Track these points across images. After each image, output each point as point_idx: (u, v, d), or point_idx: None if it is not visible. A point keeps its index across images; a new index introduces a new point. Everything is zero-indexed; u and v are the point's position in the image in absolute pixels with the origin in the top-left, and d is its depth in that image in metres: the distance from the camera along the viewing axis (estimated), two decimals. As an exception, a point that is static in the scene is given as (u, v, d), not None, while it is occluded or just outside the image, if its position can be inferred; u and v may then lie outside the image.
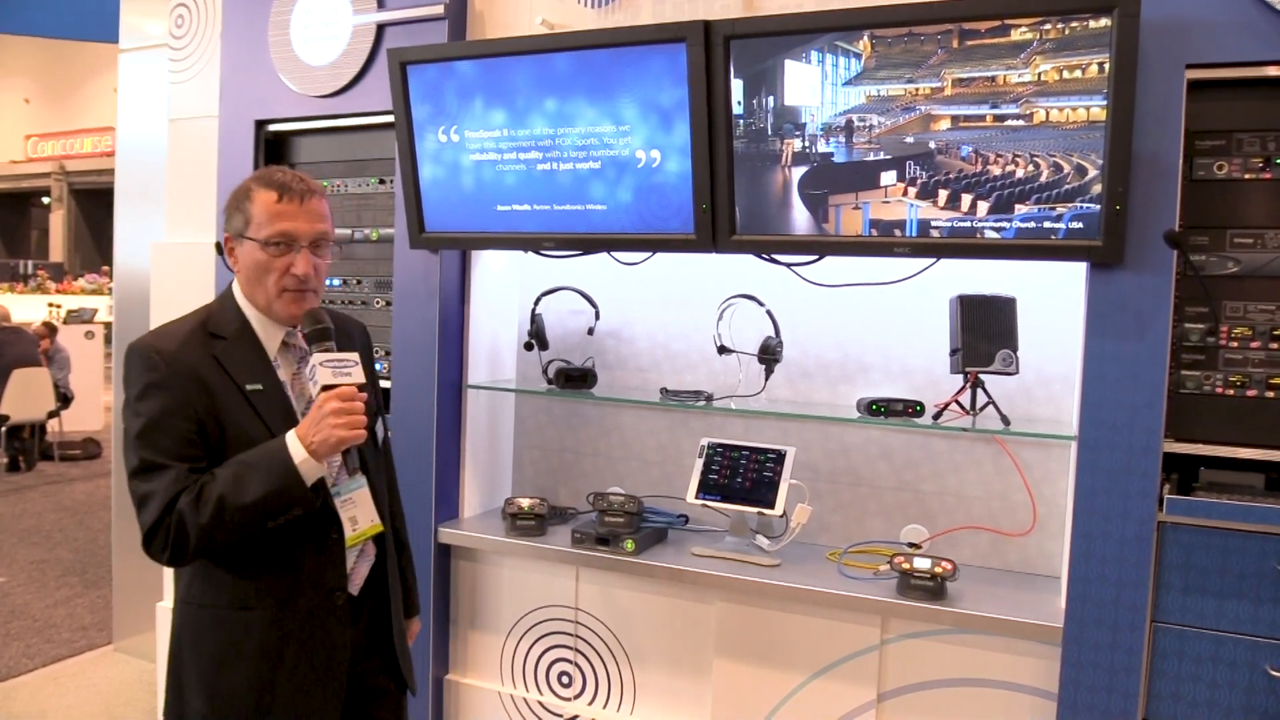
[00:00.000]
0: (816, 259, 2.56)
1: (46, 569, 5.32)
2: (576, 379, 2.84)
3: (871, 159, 2.27)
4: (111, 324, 4.24)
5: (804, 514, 2.56)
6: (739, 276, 2.73)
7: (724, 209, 2.41)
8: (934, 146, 2.21)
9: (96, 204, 22.00)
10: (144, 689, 3.73)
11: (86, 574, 5.23)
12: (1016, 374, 2.36)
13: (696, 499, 2.72)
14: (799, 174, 2.35)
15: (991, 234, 2.20)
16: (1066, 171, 2.11)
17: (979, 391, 2.38)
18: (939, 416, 2.42)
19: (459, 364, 2.95)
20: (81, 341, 9.50)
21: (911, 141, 2.23)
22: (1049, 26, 2.06)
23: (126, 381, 1.67)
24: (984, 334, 2.34)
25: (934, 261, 2.44)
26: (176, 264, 3.51)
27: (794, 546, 2.62)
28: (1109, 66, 2.01)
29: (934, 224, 2.24)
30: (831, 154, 2.31)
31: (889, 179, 2.26)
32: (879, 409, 2.49)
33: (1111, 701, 2.15)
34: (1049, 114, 2.10)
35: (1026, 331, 2.38)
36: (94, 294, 17.55)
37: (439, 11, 2.79)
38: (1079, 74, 2.05)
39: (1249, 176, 2.12)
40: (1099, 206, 2.08)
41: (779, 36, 2.28)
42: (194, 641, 1.72)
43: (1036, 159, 2.13)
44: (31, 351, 8.04)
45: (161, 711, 1.79)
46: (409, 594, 2.09)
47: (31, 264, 21.17)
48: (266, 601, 1.69)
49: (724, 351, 2.75)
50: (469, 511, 3.00)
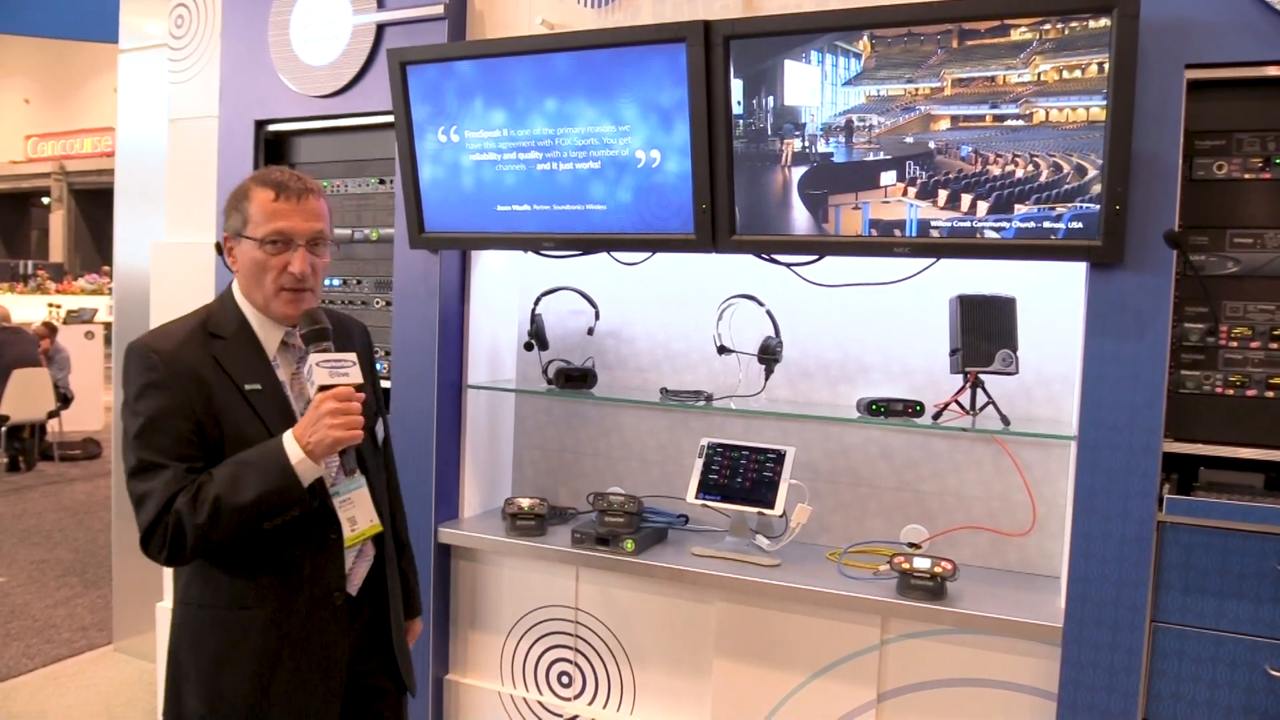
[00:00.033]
0: (816, 259, 2.56)
1: (46, 569, 5.32)
2: (576, 379, 2.84)
3: (871, 159, 2.27)
4: (111, 324, 4.24)
5: (804, 514, 2.56)
6: (739, 276, 2.73)
7: (724, 209, 2.41)
8: (934, 146, 2.21)
9: (96, 204, 22.00)
10: (144, 689, 3.73)
11: (86, 574, 5.23)
12: (1016, 374, 2.36)
13: (696, 499, 2.72)
14: (799, 174, 2.35)
15: (991, 234, 2.20)
16: (1066, 171, 2.11)
17: (979, 391, 2.39)
18: (939, 416, 2.42)
19: (459, 364, 2.95)
20: (81, 342, 9.50)
21: (911, 141, 2.23)
22: (1048, 26, 2.06)
23: (125, 381, 1.68)
24: (984, 334, 2.34)
25: (934, 261, 2.44)
26: (176, 264, 3.51)
27: (794, 546, 2.62)
28: (1108, 66, 2.01)
29: (934, 224, 2.24)
30: (831, 154, 2.31)
31: (889, 179, 2.26)
32: (879, 409, 2.49)
33: (1111, 701, 2.15)
34: (1049, 114, 2.10)
35: (1026, 331, 2.38)
36: (94, 294, 17.56)
37: (439, 11, 2.79)
38: (1079, 74, 2.05)
39: (1249, 176, 2.12)
40: (1099, 206, 2.08)
41: (779, 36, 2.28)
42: (192, 641, 1.72)
43: (1036, 159, 2.13)
44: (31, 352, 8.04)
45: (160, 711, 1.79)
46: (411, 594, 2.09)
47: (31, 264, 21.18)
48: (265, 601, 1.69)
49: (724, 351, 2.76)
50: (469, 511, 3.00)
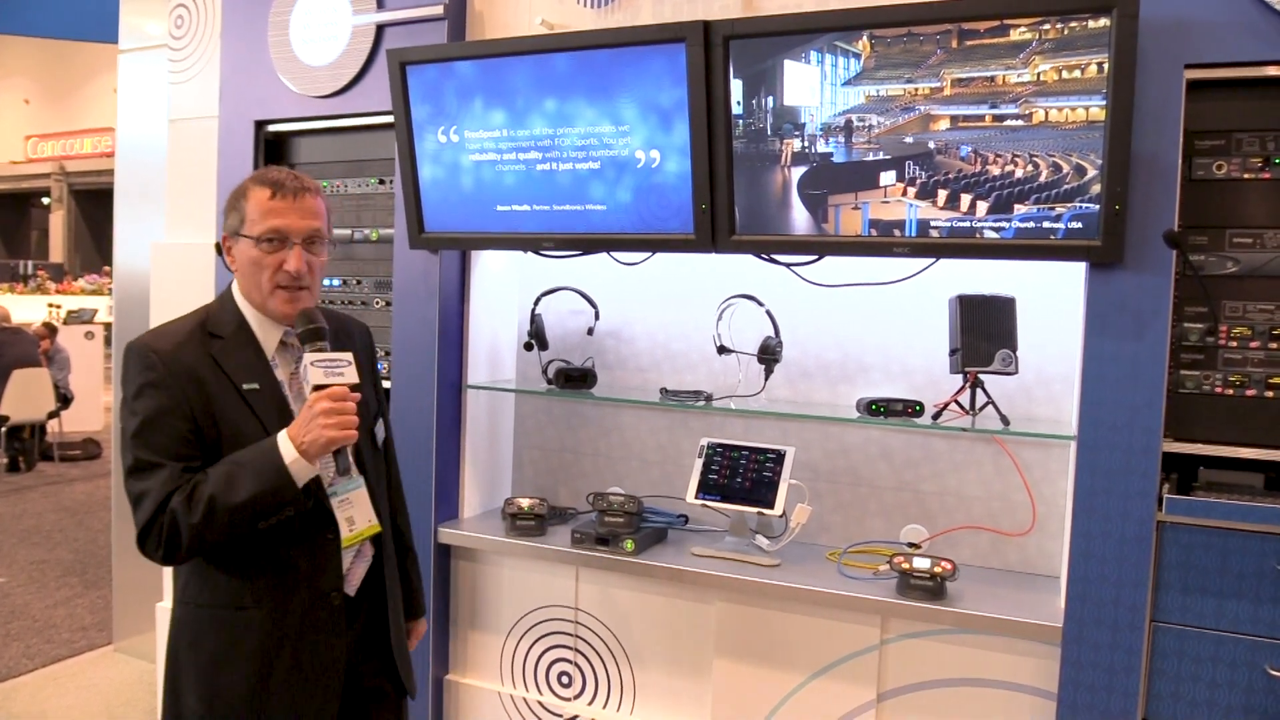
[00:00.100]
0: (816, 259, 2.56)
1: (46, 569, 5.32)
2: (576, 379, 2.84)
3: (871, 159, 2.27)
4: (111, 324, 4.24)
5: (804, 514, 2.56)
6: (738, 276, 2.73)
7: (723, 209, 2.41)
8: (933, 146, 2.21)
9: (96, 204, 22.00)
10: (144, 689, 3.73)
11: (86, 574, 5.23)
12: (1016, 374, 2.36)
13: (696, 499, 2.72)
14: (798, 174, 2.35)
15: (991, 234, 2.20)
16: (1066, 171, 2.11)
17: (978, 391, 2.39)
18: (938, 416, 2.43)
19: (459, 364, 2.95)
20: (81, 342, 9.51)
21: (911, 141, 2.23)
22: (1048, 26, 2.06)
23: (124, 380, 1.68)
24: (983, 334, 2.34)
25: (933, 261, 2.44)
26: (176, 264, 3.51)
27: (794, 546, 2.62)
28: (1108, 66, 2.01)
29: (933, 224, 2.24)
30: (831, 154, 2.31)
31: (888, 179, 2.26)
32: (878, 409, 2.49)
33: (1111, 701, 2.15)
34: (1048, 114, 2.10)
35: (1026, 331, 2.38)
36: (94, 294, 17.56)
37: (438, 12, 2.79)
38: (1078, 74, 2.05)
39: (1248, 176, 2.12)
40: (1098, 206, 2.08)
41: (778, 37, 2.28)
42: (191, 641, 1.72)
43: (1036, 159, 2.13)
44: (32, 352, 8.04)
45: (160, 711, 1.79)
46: (414, 595, 2.09)
47: (31, 264, 21.19)
48: (262, 601, 1.68)
49: (724, 351, 2.76)
50: (469, 511, 3.00)
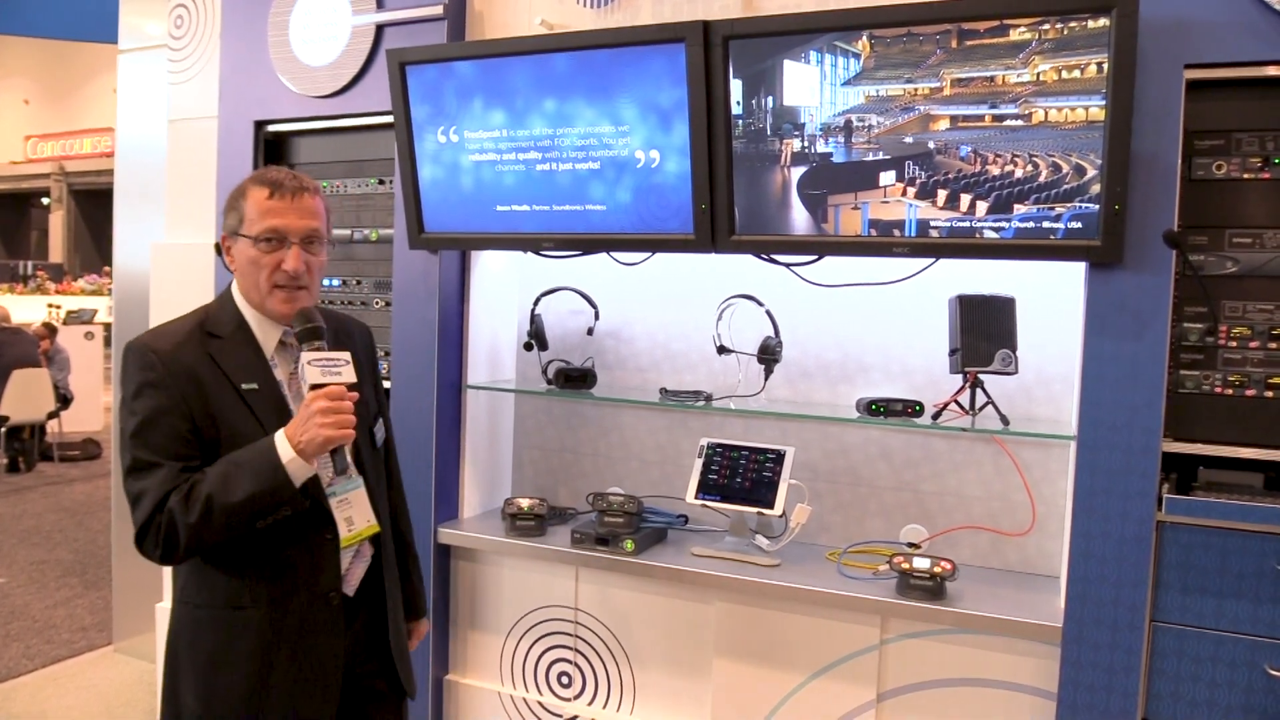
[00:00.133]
0: (816, 259, 2.56)
1: (46, 570, 5.32)
2: (576, 379, 2.84)
3: (870, 159, 2.27)
4: (111, 325, 4.24)
5: (803, 514, 2.56)
6: (738, 276, 2.73)
7: (723, 209, 2.41)
8: (933, 146, 2.21)
9: (96, 205, 22.00)
10: (144, 690, 3.72)
11: (86, 575, 5.23)
12: (1016, 374, 2.36)
13: (696, 499, 2.72)
14: (798, 174, 2.35)
15: (990, 234, 2.20)
16: (1065, 171, 2.11)
17: (978, 391, 2.39)
18: (938, 416, 2.42)
19: (458, 364, 2.95)
20: (81, 342, 9.51)
21: (910, 141, 2.23)
22: (1047, 26, 2.06)
23: (123, 380, 1.68)
24: (983, 334, 2.34)
25: (933, 261, 2.44)
26: (176, 265, 3.51)
27: (793, 546, 2.62)
28: (1108, 66, 2.01)
29: (933, 224, 2.24)
30: (830, 154, 2.31)
31: (888, 179, 2.26)
32: (878, 409, 2.49)
33: (1111, 701, 2.15)
34: (1048, 114, 2.10)
35: (1026, 331, 2.38)
36: (94, 295, 17.56)
37: (438, 12, 2.79)
38: (1078, 74, 2.05)
39: (1248, 176, 2.12)
40: (1098, 206, 2.08)
41: (778, 37, 2.28)
42: (189, 641, 1.72)
43: (1035, 159, 2.13)
44: (31, 352, 8.04)
45: (159, 710, 1.79)
46: (415, 596, 2.09)
47: (31, 265, 21.20)
48: (260, 601, 1.68)
49: (723, 351, 2.76)
50: (469, 512, 3.00)
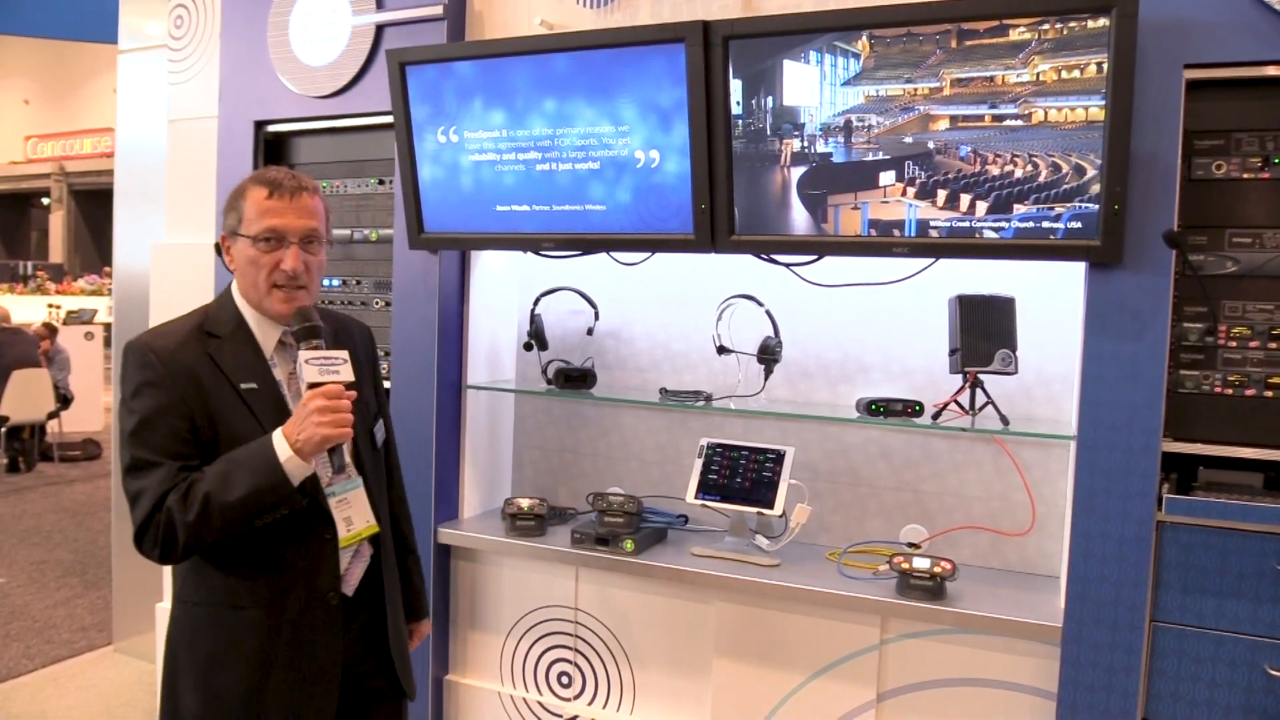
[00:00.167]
0: (815, 259, 2.56)
1: (46, 570, 5.32)
2: (576, 379, 2.84)
3: (870, 159, 2.27)
4: (111, 325, 4.24)
5: (803, 514, 2.56)
6: (738, 276, 2.73)
7: (723, 209, 2.41)
8: (933, 146, 2.21)
9: (96, 205, 22.00)
10: (144, 690, 3.72)
11: (86, 575, 5.23)
12: (1015, 374, 2.36)
13: (696, 499, 2.72)
14: (798, 174, 2.35)
15: (990, 234, 2.20)
16: (1065, 171, 2.11)
17: (978, 391, 2.39)
18: (938, 416, 2.42)
19: (458, 364, 2.95)
20: (81, 342, 9.51)
21: (910, 141, 2.23)
22: (1047, 26, 2.06)
23: (122, 379, 1.68)
24: (983, 334, 2.34)
25: (933, 261, 2.44)
26: (176, 265, 3.51)
27: (793, 546, 2.62)
28: (1107, 66, 2.01)
29: (933, 224, 2.24)
30: (830, 154, 2.31)
31: (888, 179, 2.26)
32: (878, 409, 2.49)
33: (1111, 701, 2.15)
34: (1047, 114, 2.10)
35: (1026, 331, 2.38)
36: (94, 295, 17.56)
37: (438, 12, 2.79)
38: (1077, 74, 2.05)
39: (1247, 176, 2.12)
40: (1097, 206, 2.08)
41: (778, 37, 2.28)
42: (188, 640, 1.72)
43: (1035, 159, 2.13)
44: (31, 352, 8.04)
45: (158, 709, 1.79)
46: (417, 597, 2.09)
47: (31, 265, 21.20)
48: (258, 600, 1.68)
49: (723, 351, 2.76)
50: (469, 512, 3.00)
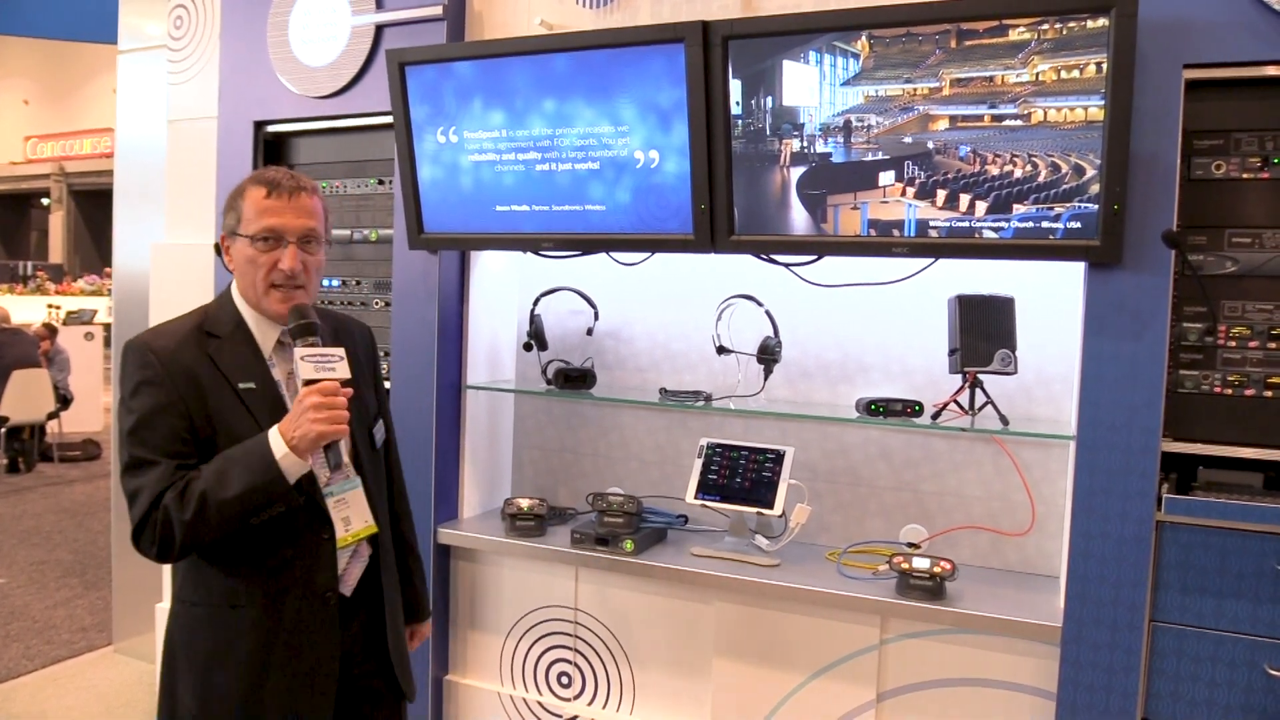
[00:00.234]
0: (815, 259, 2.56)
1: (46, 570, 5.32)
2: (575, 379, 2.84)
3: (870, 159, 2.27)
4: (111, 325, 4.23)
5: (803, 514, 2.56)
6: (738, 277, 2.74)
7: (722, 209, 2.41)
8: (932, 146, 2.21)
9: (96, 205, 22.00)
10: (143, 690, 3.72)
11: (86, 575, 5.23)
12: (1015, 374, 2.36)
13: (696, 499, 2.72)
14: (797, 174, 2.35)
15: (990, 234, 2.20)
16: (1064, 171, 2.11)
17: (978, 391, 2.39)
18: (938, 416, 2.43)
19: (458, 364, 2.95)
20: (81, 343, 9.50)
21: (910, 141, 2.23)
22: (1047, 27, 2.06)
23: (121, 379, 1.68)
24: (982, 334, 2.34)
25: (932, 261, 2.44)
26: (176, 265, 3.51)
27: (793, 546, 2.62)
28: (1107, 66, 2.01)
29: (932, 224, 2.24)
30: (830, 154, 2.31)
31: (887, 179, 2.26)
32: (878, 409, 2.49)
33: (1110, 701, 2.15)
34: (1047, 114, 2.10)
35: (1025, 331, 2.38)
36: (93, 295, 17.56)
37: (438, 12, 2.80)
38: (1077, 74, 2.05)
39: (1247, 176, 2.12)
40: (1097, 206, 2.08)
41: (777, 37, 2.28)
42: (186, 640, 1.72)
43: (1034, 159, 2.13)
44: (31, 353, 8.04)
45: (156, 710, 1.79)
46: (418, 598, 2.08)
47: (31, 265, 21.20)
48: (256, 600, 1.68)
49: (723, 352, 2.76)
50: (468, 512, 3.00)
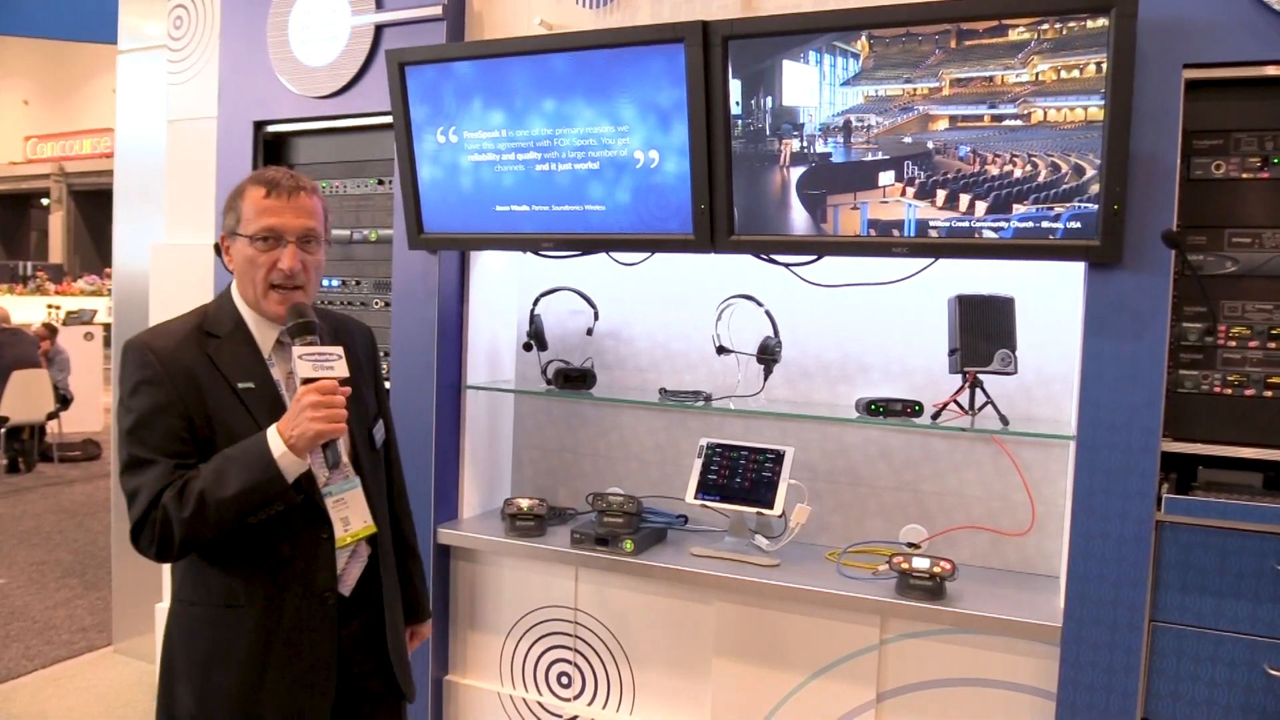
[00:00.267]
0: (815, 259, 2.56)
1: (46, 570, 5.32)
2: (575, 379, 2.84)
3: (869, 159, 2.27)
4: (111, 325, 4.23)
5: (803, 514, 2.56)
6: (738, 277, 2.73)
7: (722, 209, 2.41)
8: (932, 146, 2.21)
9: (96, 205, 22.00)
10: (143, 690, 3.72)
11: (86, 575, 5.22)
12: (1015, 374, 2.36)
13: (695, 499, 2.72)
14: (797, 174, 2.35)
15: (989, 234, 2.20)
16: (1064, 171, 2.11)
17: (978, 391, 2.39)
18: (938, 416, 2.43)
19: (458, 364, 2.95)
20: (81, 343, 9.50)
21: (909, 141, 2.23)
22: (1046, 26, 2.06)
23: (121, 378, 1.68)
24: (982, 334, 2.34)
25: (932, 261, 2.44)
26: (176, 265, 3.51)
27: (793, 546, 2.62)
28: (1106, 66, 2.01)
29: (932, 224, 2.24)
30: (830, 154, 2.31)
31: (887, 179, 2.26)
32: (877, 409, 2.49)
33: (1110, 701, 2.15)
34: (1047, 114, 2.10)
35: (1025, 331, 2.38)
36: (93, 295, 17.56)
37: (437, 12, 2.80)
38: (1076, 74, 2.05)
39: (1247, 176, 2.12)
40: (1097, 206, 2.08)
41: (777, 37, 2.28)
42: (185, 640, 1.72)
43: (1034, 159, 2.13)
44: (31, 353, 8.04)
45: (155, 709, 1.79)
46: (418, 599, 2.08)
47: (31, 265, 21.21)
48: (254, 600, 1.68)
49: (723, 352, 2.76)
50: (468, 512, 3.00)
